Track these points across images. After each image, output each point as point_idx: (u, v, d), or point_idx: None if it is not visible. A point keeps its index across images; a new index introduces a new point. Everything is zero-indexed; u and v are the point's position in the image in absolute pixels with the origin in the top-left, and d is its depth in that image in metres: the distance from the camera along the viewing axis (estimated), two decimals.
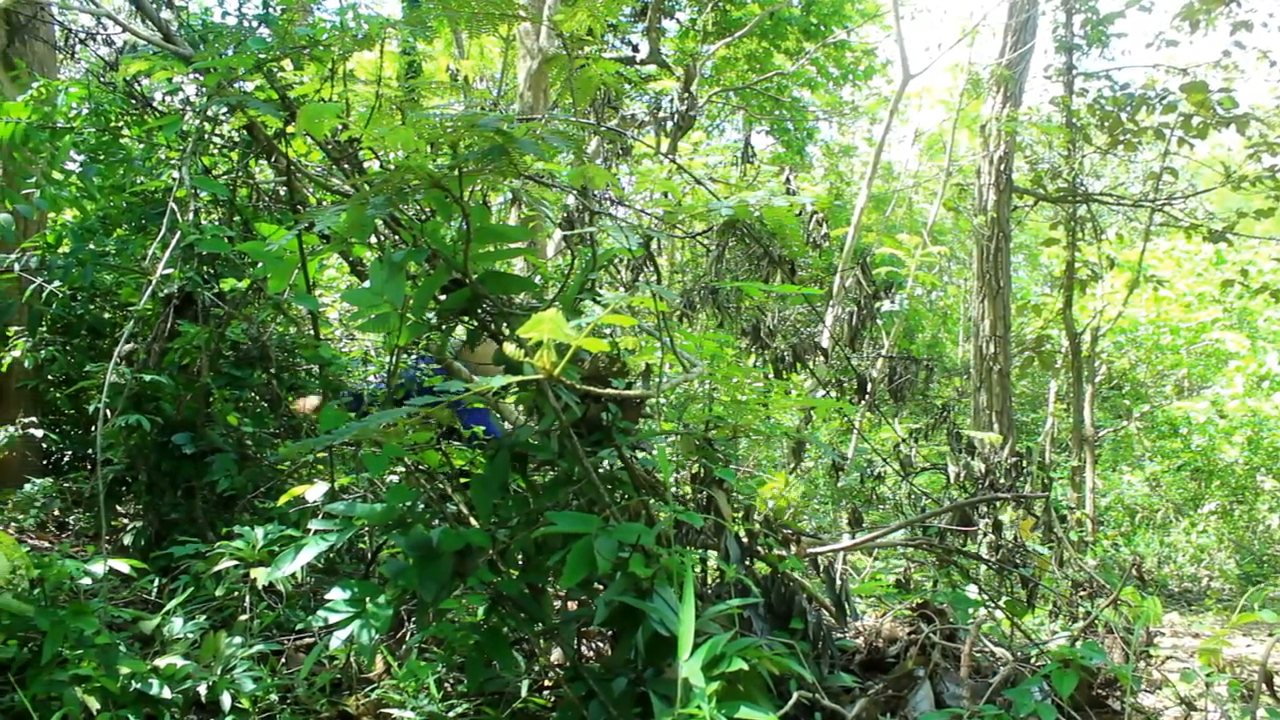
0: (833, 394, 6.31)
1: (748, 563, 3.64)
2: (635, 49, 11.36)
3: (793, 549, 4.09)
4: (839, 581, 4.33)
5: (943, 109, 19.38)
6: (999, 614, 4.93)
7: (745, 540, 3.68)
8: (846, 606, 4.46)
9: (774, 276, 5.13)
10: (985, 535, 5.81)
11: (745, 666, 2.39)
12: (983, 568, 5.56)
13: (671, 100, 6.81)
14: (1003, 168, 13.43)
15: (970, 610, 4.63)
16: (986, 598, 5.04)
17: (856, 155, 23.34)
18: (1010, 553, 5.57)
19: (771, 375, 5.39)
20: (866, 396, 6.04)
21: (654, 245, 3.44)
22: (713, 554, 3.58)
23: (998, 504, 5.92)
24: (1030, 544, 5.69)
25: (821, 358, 6.10)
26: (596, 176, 2.51)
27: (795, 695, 2.92)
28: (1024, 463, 6.84)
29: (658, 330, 2.94)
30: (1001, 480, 6.52)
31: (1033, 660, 4.15)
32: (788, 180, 5.28)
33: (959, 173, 16.63)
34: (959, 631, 4.19)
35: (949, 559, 5.34)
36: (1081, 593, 5.36)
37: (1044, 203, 14.55)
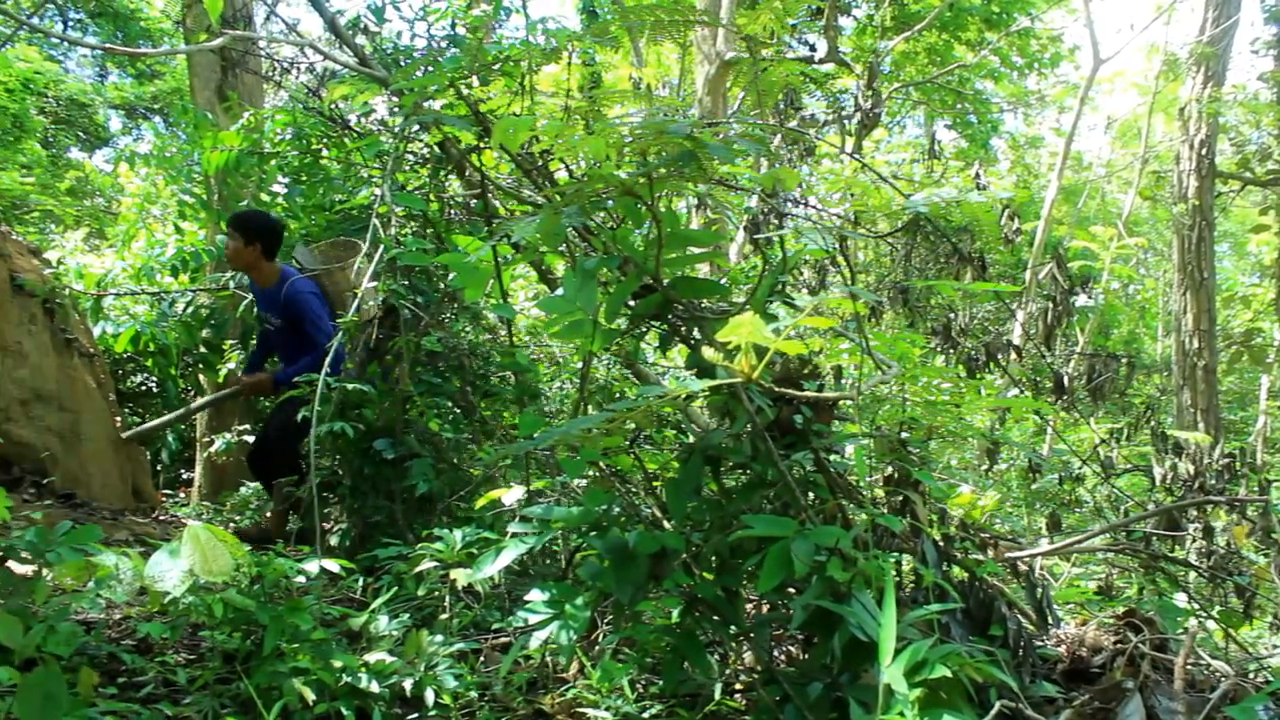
0: (1027, 393, 6.09)
1: (944, 567, 3.54)
2: (813, 48, 11.26)
3: (990, 553, 3.96)
4: (1040, 587, 4.16)
5: (1136, 93, 18.50)
6: (1212, 624, 4.66)
7: (941, 544, 3.58)
8: (1048, 613, 4.29)
9: (964, 274, 4.99)
10: (1195, 541, 5.50)
11: (948, 673, 2.33)
12: (1193, 575, 5.26)
13: (854, 98, 6.70)
14: (1204, 151, 12.69)
15: (1180, 620, 4.38)
16: (1198, 607, 4.77)
17: (1044, 146, 22.52)
18: (1223, 559, 5.26)
19: (963, 375, 5.24)
20: (1064, 396, 5.80)
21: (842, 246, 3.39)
22: (907, 558, 3.51)
23: (1209, 508, 5.59)
24: (1245, 551, 5.36)
25: (1015, 356, 5.89)
26: (788, 178, 2.50)
27: (997, 705, 2.83)
28: (1236, 464, 6.45)
29: (855, 332, 2.89)
30: (1212, 483, 6.16)
31: (1252, 675, 3.89)
32: (977, 175, 5.12)
33: (1156, 159, 15.84)
34: (1169, 642, 3.96)
35: (1155, 565, 5.08)
36: None
37: (1252, 187, 13.67)
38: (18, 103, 7.56)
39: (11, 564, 3.73)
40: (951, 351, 5.48)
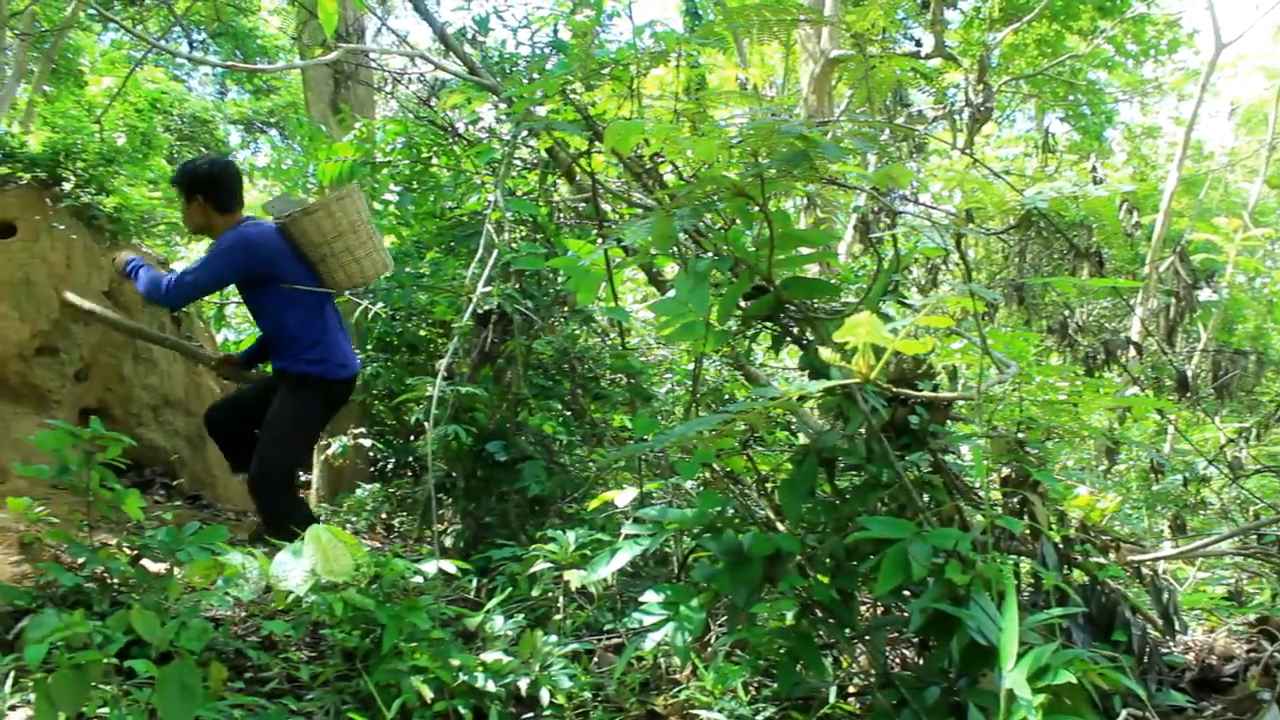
0: (1148, 391, 5.91)
1: (1064, 570, 3.46)
2: (919, 43, 11.10)
3: (1112, 556, 3.86)
4: (1166, 591, 4.03)
5: (1263, 76, 17.78)
6: None
7: (1061, 546, 3.50)
8: (1174, 619, 4.15)
9: (1080, 269, 4.87)
10: None
11: (1072, 679, 2.27)
12: None
13: (964, 93, 6.58)
14: None
15: None
16: None
17: (1162, 136, 21.80)
18: None
19: (1081, 373, 5.11)
20: (1188, 393, 5.61)
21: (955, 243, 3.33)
22: (1025, 561, 3.43)
23: None
24: None
25: (1135, 353, 5.72)
26: (900, 176, 2.47)
27: (1124, 713, 2.76)
28: None
29: (974, 330, 2.84)
30: None
31: None
32: (1094, 168, 4.99)
33: None
34: None
35: None
36: None
37: None
38: (146, 121, 7.91)
39: (146, 562, 3.91)
40: (1069, 349, 5.34)
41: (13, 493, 4.52)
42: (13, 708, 2.98)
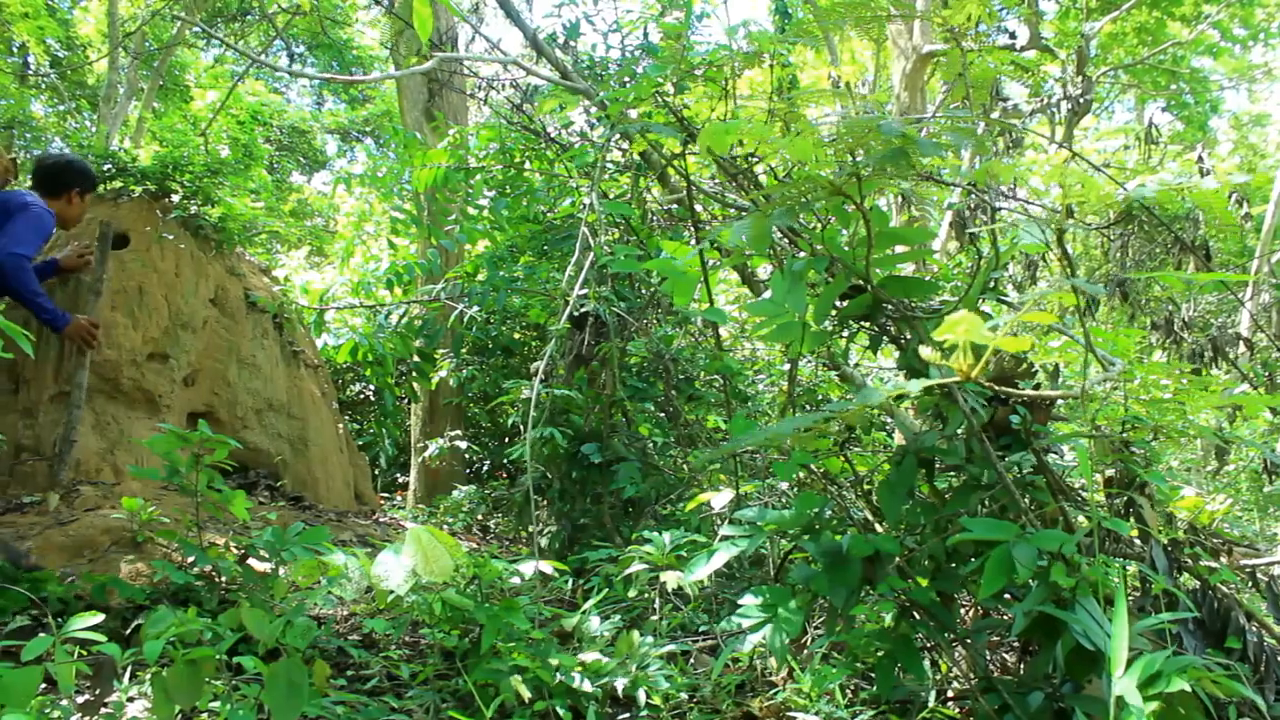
0: (1260, 389, 5.70)
1: (1174, 574, 3.36)
2: (1013, 35, 10.89)
3: (1224, 560, 3.73)
4: None
5: None
6: None
7: (1170, 549, 3.40)
8: None
9: (1185, 263, 4.72)
10: None
11: (1185, 687, 2.20)
12: None
13: (1063, 85, 6.42)
14: None
15: None
16: None
17: (1271, 124, 21.04)
18: None
19: (1188, 370, 4.95)
20: None
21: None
22: (1132, 564, 3.34)
23: None
24: None
25: (1245, 349, 5.52)
26: (1003, 172, 2.42)
27: None
28: None
29: (1075, 328, 2.78)
30: None
31: None
32: (1200, 159, 4.83)
33: None
34: None
35: None
36: None
37: None
38: (247, 133, 8.18)
39: (252, 561, 4.02)
40: (1174, 346, 5.19)
41: (126, 493, 4.69)
42: (130, 699, 3.09)
